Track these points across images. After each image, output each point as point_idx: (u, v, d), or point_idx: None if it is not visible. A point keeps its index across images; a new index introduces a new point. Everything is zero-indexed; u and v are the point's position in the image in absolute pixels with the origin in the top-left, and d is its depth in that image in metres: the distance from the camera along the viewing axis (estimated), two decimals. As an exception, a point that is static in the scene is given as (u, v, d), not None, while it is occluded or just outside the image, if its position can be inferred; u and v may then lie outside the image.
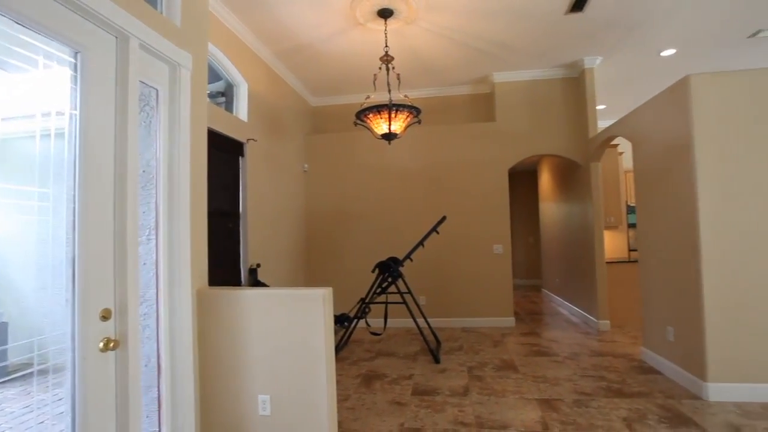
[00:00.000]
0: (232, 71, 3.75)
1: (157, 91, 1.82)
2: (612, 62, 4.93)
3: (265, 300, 2.00)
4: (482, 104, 5.66)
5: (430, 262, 5.17)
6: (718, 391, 2.80)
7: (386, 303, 4.08)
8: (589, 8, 3.72)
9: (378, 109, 3.30)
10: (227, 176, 3.65)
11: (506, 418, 2.61)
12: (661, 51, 4.71)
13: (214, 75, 3.70)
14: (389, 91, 3.47)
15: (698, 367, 2.91)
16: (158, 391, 1.80)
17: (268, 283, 4.05)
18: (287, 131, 4.93)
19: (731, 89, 2.92)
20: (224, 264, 3.56)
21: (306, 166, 5.44)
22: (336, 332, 4.09)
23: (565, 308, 5.97)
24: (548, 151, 5.11)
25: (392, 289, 4.60)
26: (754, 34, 4.38)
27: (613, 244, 6.23)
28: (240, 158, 3.81)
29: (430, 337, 4.65)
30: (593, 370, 3.46)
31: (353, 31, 3.95)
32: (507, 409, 2.75)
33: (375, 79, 3.67)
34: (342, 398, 2.99)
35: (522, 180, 8.90)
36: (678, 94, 3.06)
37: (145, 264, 1.78)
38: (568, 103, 5.14)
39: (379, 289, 4.08)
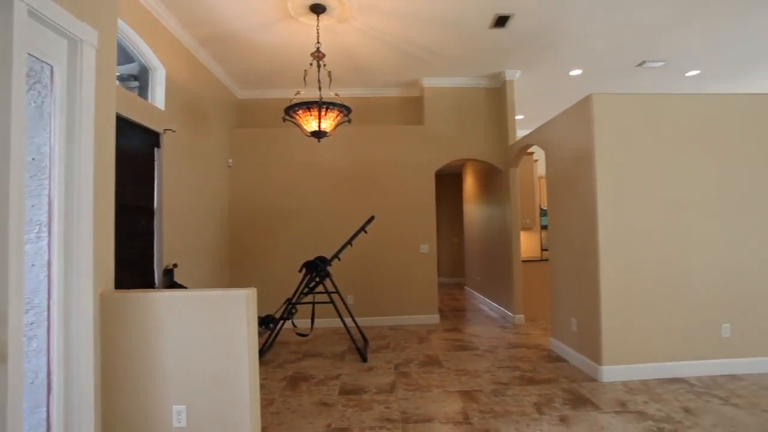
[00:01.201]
0: (147, 54, 3.43)
1: (52, 67, 1.60)
2: (530, 76, 5.36)
3: (182, 303, 1.85)
4: (412, 107, 5.81)
5: (358, 261, 5.19)
6: (610, 372, 3.18)
7: (313, 303, 4.01)
8: (510, 25, 4.00)
9: (308, 105, 3.24)
10: (140, 168, 3.33)
11: (430, 412, 2.71)
12: (569, 71, 5.23)
13: (125, 56, 3.36)
14: (320, 88, 3.42)
15: (595, 353, 3.27)
16: (47, 411, 1.58)
17: (186, 285, 3.77)
18: (210, 123, 4.64)
19: (624, 109, 3.32)
20: (136, 265, 3.24)
21: (230, 161, 5.16)
22: (261, 335, 3.94)
23: (486, 304, 6.35)
24: (472, 155, 5.40)
25: (320, 288, 4.54)
26: (641, 64, 5.05)
27: (528, 244, 6.76)
28: (155, 149, 3.50)
29: (358, 336, 4.66)
30: (509, 361, 3.72)
31: (284, 23, 3.83)
32: (431, 402, 2.85)
33: (305, 75, 3.60)
34: (266, 403, 2.88)
35: (448, 182, 9.31)
36: (582, 110, 3.41)
37: (33, 266, 1.56)
38: (490, 112, 5.47)
39: (306, 289, 4.00)
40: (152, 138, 3.44)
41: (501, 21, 3.90)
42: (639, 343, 3.22)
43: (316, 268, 3.98)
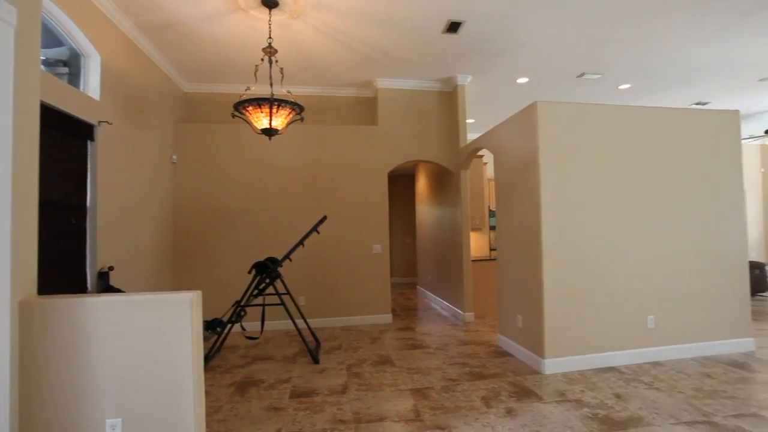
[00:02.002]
0: (79, 38, 3.15)
1: (-37, 48, 1.43)
2: (480, 82, 5.55)
3: (118, 308, 1.72)
4: (366, 108, 5.82)
5: (310, 262, 5.11)
6: (552, 365, 3.36)
7: (263, 305, 3.90)
8: (462, 32, 4.12)
9: (259, 102, 3.14)
10: (70, 163, 3.05)
11: (382, 411, 2.72)
12: (517, 78, 5.48)
13: (53, 39, 3.07)
14: (271, 84, 3.33)
15: (538, 347, 3.45)
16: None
17: (124, 289, 3.52)
18: (153, 116, 4.36)
19: (565, 116, 3.54)
20: (65, 267, 2.97)
21: (175, 157, 4.88)
22: (207, 339, 3.76)
23: (437, 303, 6.50)
24: (424, 157, 5.50)
25: (270, 290, 4.43)
26: (581, 75, 5.40)
27: (477, 244, 7.00)
28: (89, 142, 3.23)
29: (310, 338, 4.60)
30: (459, 357, 3.83)
31: (234, 15, 3.68)
32: (383, 401, 2.87)
33: (256, 71, 3.49)
34: (212, 410, 2.76)
35: (401, 183, 9.42)
36: (528, 116, 3.58)
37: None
38: (443, 115, 5.61)
39: (256, 291, 3.88)
40: (85, 130, 3.17)
41: (453, 27, 4.01)
42: (577, 336, 3.45)
43: (267, 269, 3.86)
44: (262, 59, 3.53)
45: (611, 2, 3.67)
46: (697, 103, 6.75)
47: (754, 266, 6.65)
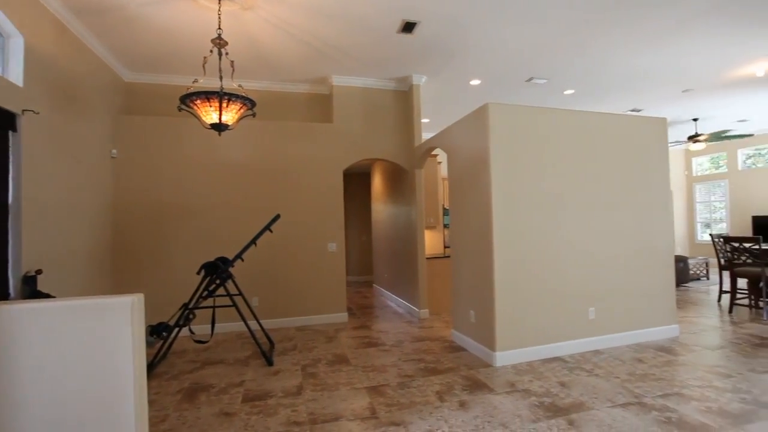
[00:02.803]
0: (-1, 18, 2.85)
1: None
2: (435, 82, 5.65)
3: (47, 315, 1.57)
4: (321, 104, 5.74)
5: (263, 261, 4.97)
6: (502, 357, 3.50)
7: (214, 307, 3.74)
8: (417, 32, 4.17)
9: (207, 95, 2.99)
10: (-11, 156, 2.75)
11: (338, 410, 2.70)
12: (470, 80, 5.64)
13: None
14: (221, 77, 3.19)
15: (490, 341, 3.58)
16: None
17: (54, 295, 3.23)
18: (89, 107, 4.03)
19: (514, 118, 3.68)
20: (-19, 272, 2.68)
21: (114, 151, 4.55)
22: (152, 345, 3.55)
23: (393, 301, 6.55)
24: (380, 155, 5.52)
25: (221, 291, 4.26)
26: (529, 80, 5.66)
27: (432, 242, 7.14)
28: (10, 133, 2.93)
29: (263, 340, 4.47)
30: (414, 354, 3.89)
31: (181, 2, 3.49)
32: (339, 401, 2.85)
33: (205, 62, 3.33)
34: (158, 420, 2.60)
35: (356, 181, 9.40)
36: (480, 117, 3.70)
37: None
38: (398, 114, 5.65)
39: (205, 293, 3.71)
40: (6, 119, 2.87)
41: (408, 27, 4.05)
42: (526, 329, 3.61)
43: (217, 270, 3.71)
44: (211, 51, 3.37)
45: (553, 12, 3.87)
46: (632, 110, 7.30)
47: (679, 260, 7.31)
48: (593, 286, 3.87)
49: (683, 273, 7.40)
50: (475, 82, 5.69)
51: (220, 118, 3.06)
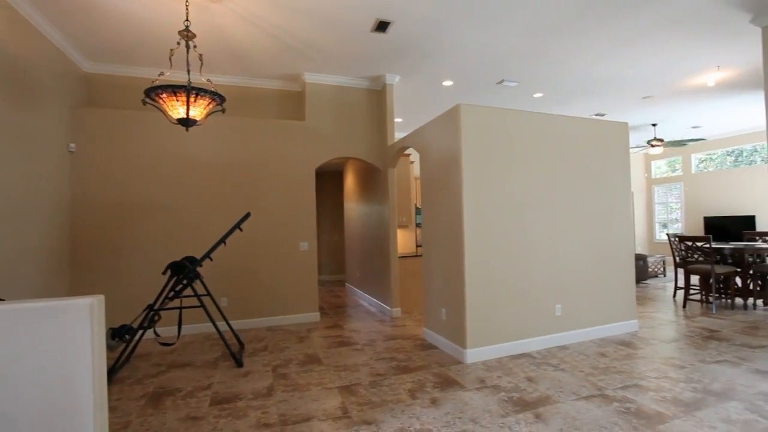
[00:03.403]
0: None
1: None
2: (408, 82, 5.68)
3: (-4, 319, 1.48)
4: (293, 102, 5.66)
5: (232, 261, 4.86)
6: (473, 354, 3.57)
7: (180, 308, 3.62)
8: (390, 32, 4.18)
9: (174, 89, 2.89)
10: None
11: (309, 411, 2.68)
12: (443, 81, 5.70)
13: None
14: (188, 71, 3.08)
15: (461, 338, 3.63)
16: None
17: (3, 297, 3.04)
18: (42, 97, 3.81)
19: (485, 119, 3.75)
20: None
21: (72, 145, 4.32)
22: (114, 349, 3.39)
23: (366, 300, 6.55)
24: (353, 154, 5.50)
25: (189, 292, 4.14)
26: (500, 82, 5.78)
27: (404, 241, 7.18)
28: (-44, 125, 2.73)
29: (233, 341, 4.37)
30: (386, 352, 3.90)
31: (145, -8, 3.35)
32: (311, 401, 2.82)
33: (172, 55, 3.21)
34: (119, 427, 2.50)
35: (329, 180, 9.33)
36: (452, 117, 3.75)
37: None
38: (371, 113, 5.64)
39: (172, 293, 3.59)
40: (-48, 110, 2.68)
41: (382, 26, 4.05)
42: (496, 326, 3.69)
43: (184, 270, 3.59)
44: (178, 43, 3.26)
45: (524, 18, 3.97)
46: (596, 114, 7.59)
47: (639, 258, 7.67)
48: (560, 284, 4.01)
49: (642, 271, 7.78)
50: (447, 83, 5.77)
51: (187, 114, 2.96)
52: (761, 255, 5.49)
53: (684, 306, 5.52)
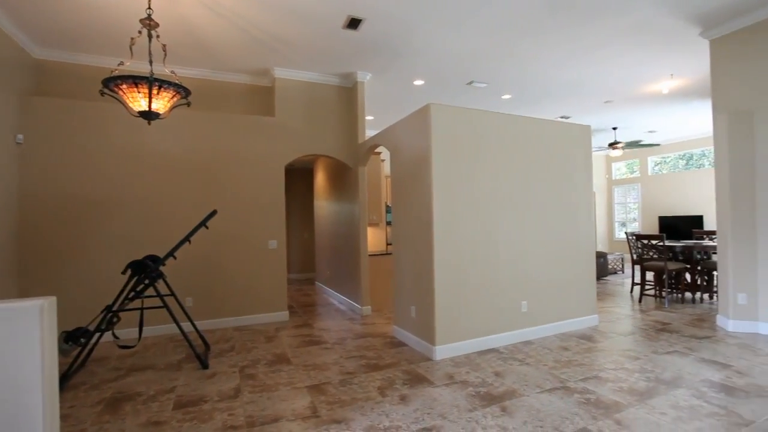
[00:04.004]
0: None
1: None
2: (380, 80, 5.68)
3: (-67, 323, 1.37)
4: (262, 97, 5.54)
5: (198, 259, 4.71)
6: (442, 351, 3.62)
7: (141, 309, 3.47)
8: (362, 29, 4.16)
9: (135, 80, 2.76)
10: None
11: (278, 411, 2.64)
12: (414, 80, 5.74)
13: None
14: (151, 62, 2.95)
15: (430, 335, 3.68)
16: None
17: (-57, 299, 2.81)
18: (-12, 86, 3.55)
19: (454, 119, 3.81)
20: None
21: (20, 137, 4.05)
22: (68, 353, 3.22)
23: (336, 298, 6.51)
24: (323, 151, 5.45)
25: (151, 292, 3.98)
26: (470, 83, 5.88)
27: (374, 239, 7.19)
28: None
29: (198, 342, 4.24)
30: (356, 351, 3.89)
31: (103, -24, 3.18)
32: (279, 401, 2.78)
33: (132, 44, 3.07)
34: (73, 435, 2.37)
35: (298, 177, 9.21)
36: (422, 116, 3.78)
37: None
38: (342, 110, 5.61)
39: (132, 294, 3.43)
40: None
41: (353, 23, 4.03)
42: (464, 323, 3.76)
43: (146, 269, 3.45)
44: (140, 32, 3.12)
45: (493, 21, 4.05)
46: (561, 117, 7.86)
47: (599, 255, 8.02)
48: (525, 281, 4.13)
49: (603, 267, 8.13)
50: (418, 82, 5.81)
51: (149, 106, 2.84)
52: (707, 252, 5.87)
53: (640, 301, 5.82)
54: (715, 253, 5.68)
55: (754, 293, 4.12)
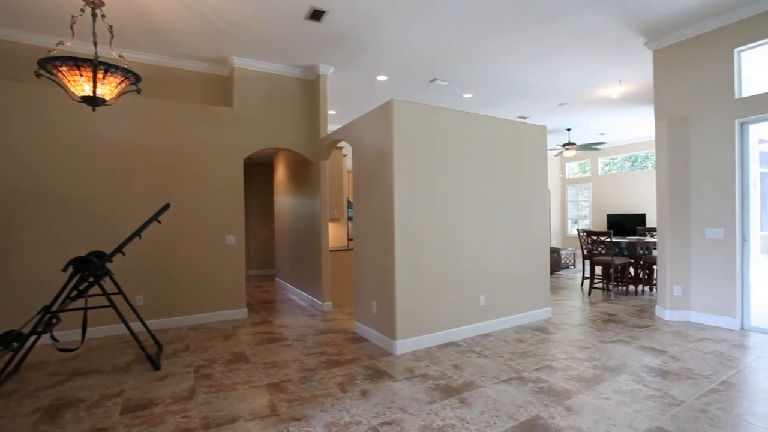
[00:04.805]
0: None
1: None
2: (343, 74, 5.62)
3: None
4: (220, 87, 5.33)
5: (150, 256, 4.47)
6: (403, 345, 3.66)
7: (85, 308, 3.25)
8: (326, 21, 4.09)
9: (77, 63, 2.56)
10: None
11: (235, 411, 2.56)
12: (377, 75, 5.72)
13: None
14: (95, 43, 2.75)
15: (390, 330, 3.70)
16: None
17: None
18: None
19: (416, 115, 3.84)
20: None
21: (-56, 121, 3.65)
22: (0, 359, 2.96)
23: (296, 294, 6.41)
24: (284, 145, 5.33)
25: (95, 291, 3.74)
26: (432, 81, 5.95)
27: (336, 234, 7.13)
28: None
29: (149, 342, 4.03)
30: (317, 347, 3.85)
31: (40, -52, 2.92)
32: (236, 401, 2.70)
33: (74, 23, 2.83)
34: (5, 447, 2.18)
35: (258, 171, 8.97)
36: (384, 112, 3.77)
37: None
38: (304, 103, 5.50)
39: (74, 293, 3.20)
40: None
41: (316, 14, 3.95)
42: (424, 317, 3.81)
43: (90, 266, 3.22)
44: (82, 10, 2.89)
45: (453, 19, 4.11)
46: (519, 117, 8.13)
47: (553, 251, 8.40)
48: (484, 276, 4.24)
49: (556, 262, 8.53)
50: (381, 77, 5.80)
51: (94, 91, 2.64)
52: (649, 248, 6.30)
53: (589, 294, 6.15)
54: (655, 248, 6.10)
55: (687, 285, 4.47)
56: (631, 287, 6.56)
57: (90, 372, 3.26)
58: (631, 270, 6.56)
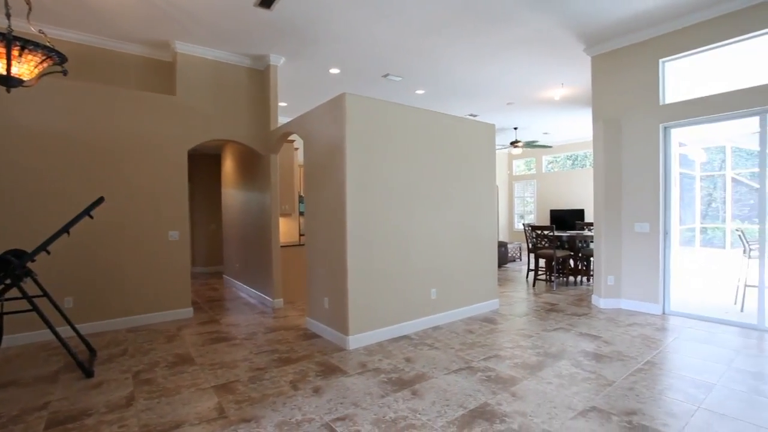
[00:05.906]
0: None
1: None
2: (294, 65, 5.47)
3: None
4: (161, 73, 4.99)
5: (81, 254, 4.12)
6: (355, 340, 3.65)
7: (1, 313, 2.93)
8: (276, 9, 3.95)
9: (-12, 37, 2.28)
10: None
11: (180, 416, 2.43)
12: (330, 68, 5.63)
13: None
14: (8, 15, 2.45)
15: (343, 326, 3.68)
16: None
17: None
18: None
19: (369, 110, 3.82)
20: None
21: None
22: None
23: (245, 292, 6.20)
24: (231, 137, 5.10)
25: (14, 293, 3.39)
26: (385, 76, 5.95)
27: (287, 229, 6.96)
28: None
29: (81, 348, 3.72)
30: (267, 345, 3.75)
31: None
32: (181, 406, 2.56)
33: (-13, -7, 2.51)
34: None
35: (204, 163, 8.55)
36: (337, 106, 3.72)
37: None
38: (253, 94, 5.29)
39: (-10, 296, 2.88)
40: None
41: (266, 2, 3.81)
42: (377, 312, 3.83)
43: (7, 266, 2.91)
44: (-3, -20, 2.57)
45: (406, 15, 4.13)
46: (470, 114, 8.36)
47: (501, 245, 8.76)
48: (435, 270, 4.33)
49: (503, 256, 8.90)
50: (334, 70, 5.72)
51: (8, 70, 2.36)
52: (586, 241, 6.75)
53: (534, 285, 6.49)
54: (592, 242, 6.55)
55: (619, 275, 4.84)
56: (572, 278, 7.00)
57: (6, 384, 2.95)
58: (572, 262, 7.00)
